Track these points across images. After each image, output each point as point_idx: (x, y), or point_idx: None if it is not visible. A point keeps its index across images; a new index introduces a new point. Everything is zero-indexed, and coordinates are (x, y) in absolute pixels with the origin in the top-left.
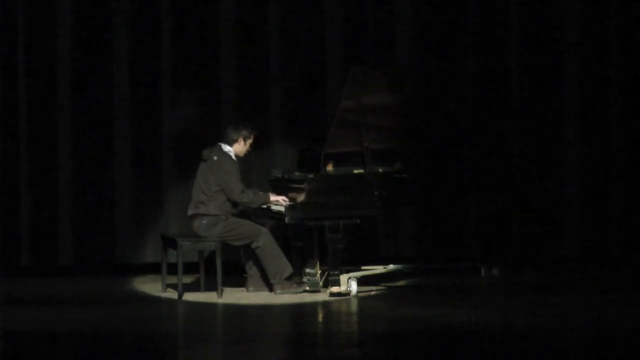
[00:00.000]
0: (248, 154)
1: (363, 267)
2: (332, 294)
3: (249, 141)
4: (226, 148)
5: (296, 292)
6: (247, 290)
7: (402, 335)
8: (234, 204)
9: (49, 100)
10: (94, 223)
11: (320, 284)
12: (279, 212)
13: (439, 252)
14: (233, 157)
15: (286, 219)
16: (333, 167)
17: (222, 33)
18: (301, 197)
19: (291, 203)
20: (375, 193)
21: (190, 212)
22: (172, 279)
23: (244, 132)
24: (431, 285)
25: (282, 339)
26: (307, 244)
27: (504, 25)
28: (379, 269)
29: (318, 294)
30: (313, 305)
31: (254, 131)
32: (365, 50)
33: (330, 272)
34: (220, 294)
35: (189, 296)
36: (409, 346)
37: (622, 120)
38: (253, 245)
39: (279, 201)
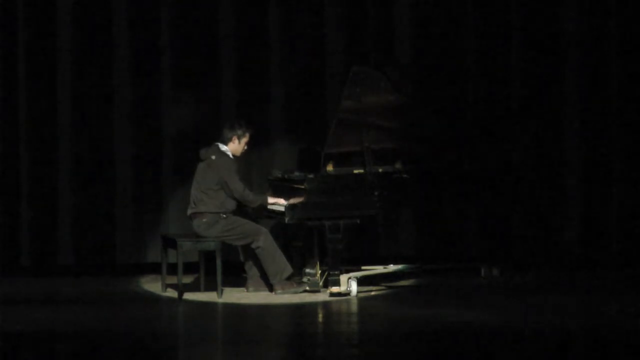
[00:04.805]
0: (246, 153)
1: (363, 267)
2: (332, 294)
3: (244, 140)
4: (223, 147)
5: (296, 292)
6: (247, 290)
7: (402, 335)
8: (238, 203)
9: (49, 99)
10: (94, 223)
11: (320, 284)
12: (273, 212)
13: (439, 252)
14: (231, 156)
15: (286, 219)
16: (333, 167)
17: (222, 33)
18: (301, 197)
19: (291, 203)
20: (375, 193)
21: (189, 211)
22: (172, 279)
23: (239, 131)
24: (431, 285)
25: (282, 339)
26: (307, 244)
27: (504, 25)
28: (379, 269)
29: (318, 294)
30: (313, 305)
31: (249, 130)
32: (366, 50)
33: (330, 272)
34: (220, 294)
35: (189, 296)
36: (409, 346)
37: (622, 120)
38: (253, 245)
39: (276, 202)
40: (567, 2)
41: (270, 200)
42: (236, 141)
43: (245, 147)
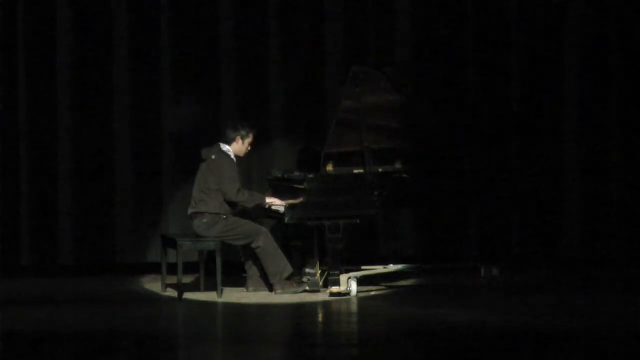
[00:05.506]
0: (248, 153)
1: (363, 267)
2: (332, 294)
3: (248, 140)
4: (225, 147)
5: (296, 292)
6: (247, 290)
7: (402, 335)
8: (233, 204)
9: (49, 100)
10: (94, 223)
11: (320, 284)
12: (276, 212)
13: (439, 252)
14: (232, 156)
15: (286, 219)
16: (333, 167)
17: (222, 33)
18: (301, 198)
19: (291, 203)
20: (375, 193)
21: (190, 211)
22: (172, 279)
23: (242, 132)
24: (431, 285)
25: (282, 339)
26: (307, 244)
27: (504, 25)
28: (379, 269)
29: (318, 294)
30: (313, 305)
31: (253, 130)
32: (365, 50)
33: (330, 272)
34: (220, 294)
35: (189, 296)
36: (409, 346)
37: (622, 120)
38: (253, 245)
39: (274, 203)
40: (567, 2)
41: (268, 200)
42: (240, 142)
43: (249, 148)
